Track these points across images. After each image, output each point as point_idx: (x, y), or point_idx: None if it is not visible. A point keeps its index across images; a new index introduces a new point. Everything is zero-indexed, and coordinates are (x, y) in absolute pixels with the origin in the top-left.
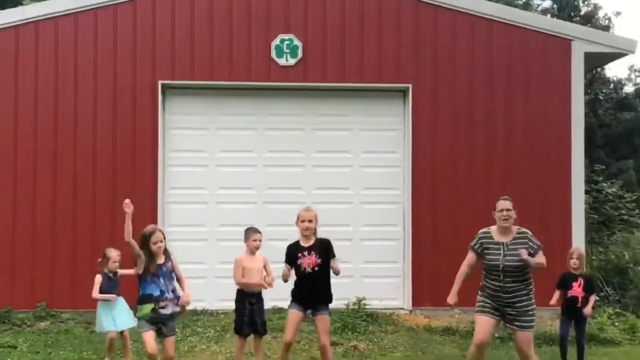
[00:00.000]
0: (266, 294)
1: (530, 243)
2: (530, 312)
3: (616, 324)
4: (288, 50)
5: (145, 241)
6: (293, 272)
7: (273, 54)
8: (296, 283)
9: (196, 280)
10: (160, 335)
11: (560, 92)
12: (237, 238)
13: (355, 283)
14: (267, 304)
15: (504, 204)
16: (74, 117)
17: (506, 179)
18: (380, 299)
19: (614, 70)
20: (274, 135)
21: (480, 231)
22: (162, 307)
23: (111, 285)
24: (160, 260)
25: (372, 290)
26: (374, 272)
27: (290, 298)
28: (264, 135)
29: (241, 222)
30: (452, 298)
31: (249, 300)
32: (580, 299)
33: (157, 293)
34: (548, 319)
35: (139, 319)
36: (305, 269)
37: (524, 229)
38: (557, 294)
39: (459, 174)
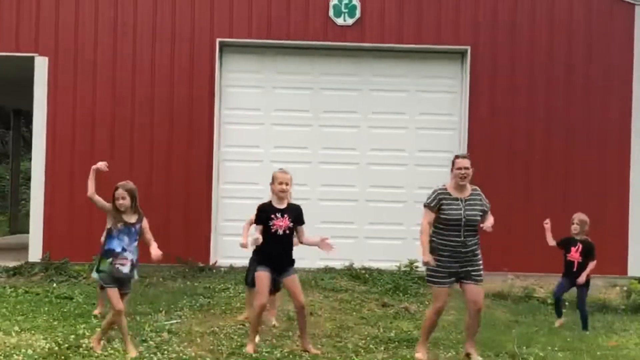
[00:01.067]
0: (314, 253)
1: (483, 201)
2: (482, 266)
3: None
4: (346, 10)
5: (112, 196)
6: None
7: (331, 13)
8: (264, 245)
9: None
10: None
11: (622, 57)
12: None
13: (408, 245)
14: (317, 263)
15: (462, 162)
16: (132, 76)
17: (565, 143)
18: None
19: None
20: (330, 95)
21: (435, 188)
22: (121, 265)
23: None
24: (130, 219)
25: None
26: None
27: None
28: (320, 95)
29: (295, 181)
30: (427, 257)
31: None
32: (576, 264)
33: (118, 249)
34: (602, 287)
35: (100, 272)
36: (277, 230)
37: (475, 187)
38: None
39: (516, 138)
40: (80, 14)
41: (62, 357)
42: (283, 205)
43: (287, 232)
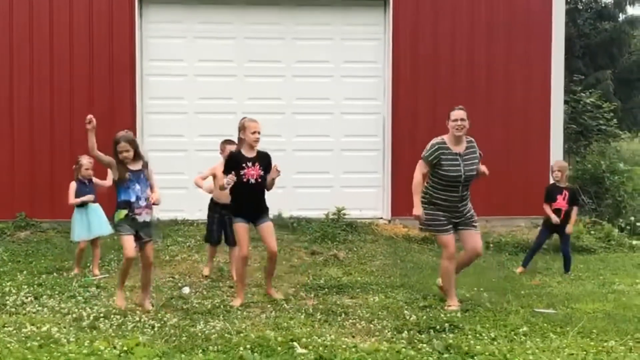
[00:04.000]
0: None
1: (477, 152)
2: (475, 213)
3: (592, 232)
4: None
5: (114, 149)
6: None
7: None
8: (238, 195)
9: (176, 191)
10: (139, 242)
11: (541, 2)
12: (217, 149)
13: (335, 193)
14: None
15: (459, 113)
16: (49, 25)
17: (488, 87)
18: (360, 209)
19: None
20: (254, 45)
21: (434, 141)
22: (137, 214)
23: (86, 191)
24: (135, 166)
25: (351, 200)
26: (354, 182)
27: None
28: (244, 45)
29: (221, 132)
30: (417, 210)
31: (219, 210)
32: (563, 212)
33: (132, 199)
34: (525, 228)
35: (116, 224)
36: (249, 179)
37: (470, 137)
38: (548, 208)
39: (440, 84)
40: None
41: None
42: (253, 154)
43: (259, 180)
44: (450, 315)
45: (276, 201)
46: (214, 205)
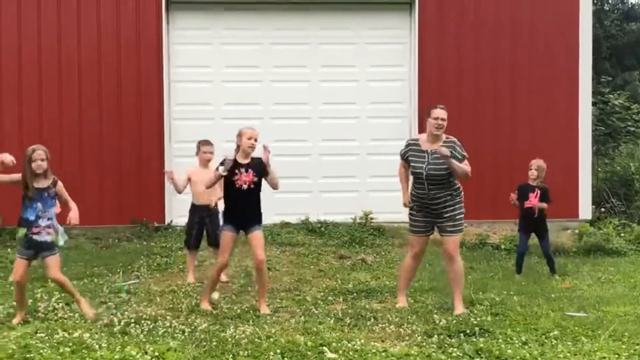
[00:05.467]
0: (270, 209)
1: (455, 152)
2: (458, 218)
3: (622, 234)
4: None
5: (27, 160)
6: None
7: None
8: (230, 202)
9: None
10: (41, 258)
11: (568, 3)
12: None
13: (362, 197)
14: (273, 218)
15: (439, 112)
16: (77, 33)
17: (513, 91)
18: (387, 213)
19: None
20: (280, 50)
21: (409, 138)
22: (35, 233)
23: None
24: (41, 184)
25: (378, 204)
26: (380, 186)
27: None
28: (270, 50)
29: None
30: (404, 198)
31: (199, 213)
32: (536, 210)
33: (32, 218)
34: (554, 231)
35: (16, 242)
36: (241, 185)
37: (452, 138)
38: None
39: (465, 87)
40: None
41: (21, 321)
42: (247, 160)
43: (252, 187)
44: (480, 320)
45: (303, 205)
46: (193, 209)
